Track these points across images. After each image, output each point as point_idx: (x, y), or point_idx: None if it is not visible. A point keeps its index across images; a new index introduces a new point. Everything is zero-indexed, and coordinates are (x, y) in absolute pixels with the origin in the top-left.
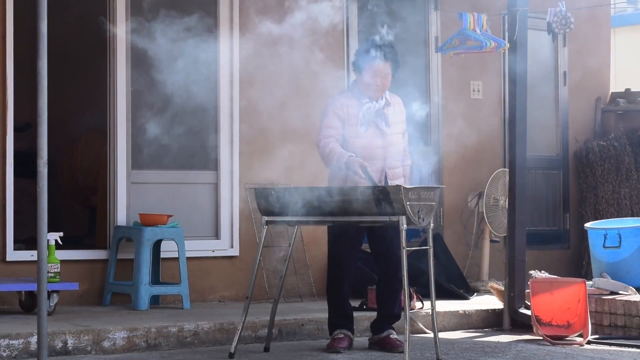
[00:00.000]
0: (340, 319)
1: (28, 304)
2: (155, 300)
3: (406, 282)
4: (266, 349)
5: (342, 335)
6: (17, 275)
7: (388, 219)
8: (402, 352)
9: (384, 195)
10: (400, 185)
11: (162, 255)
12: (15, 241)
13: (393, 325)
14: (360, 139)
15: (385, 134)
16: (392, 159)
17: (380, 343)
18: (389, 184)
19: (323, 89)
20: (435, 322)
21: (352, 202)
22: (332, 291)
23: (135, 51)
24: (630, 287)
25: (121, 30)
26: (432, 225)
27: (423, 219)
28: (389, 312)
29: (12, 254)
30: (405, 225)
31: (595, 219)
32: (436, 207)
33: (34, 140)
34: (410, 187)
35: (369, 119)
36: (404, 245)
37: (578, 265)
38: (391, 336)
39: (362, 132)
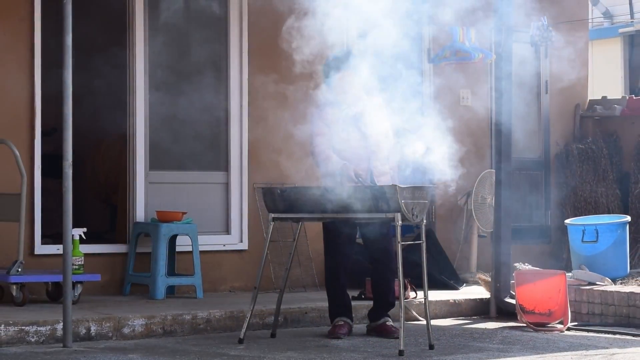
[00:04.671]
0: (339, 307)
1: (54, 294)
2: (171, 291)
3: (401, 274)
4: (273, 335)
5: (342, 323)
6: (45, 267)
7: (384, 216)
8: (398, 337)
9: (381, 194)
10: (396, 185)
11: (177, 249)
12: (43, 236)
13: (389, 313)
14: (344, 143)
15: (366, 136)
16: (375, 158)
17: (377, 330)
18: (376, 182)
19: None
20: (428, 310)
21: (351, 200)
22: (329, 282)
23: (152, 60)
24: (607, 278)
25: (140, 40)
26: (424, 221)
27: (417, 216)
28: (384, 301)
29: (40, 248)
30: (400, 222)
31: (575, 215)
32: (428, 204)
33: (60, 144)
34: (405, 186)
35: (349, 124)
36: (399, 240)
37: (559, 258)
38: (387, 323)
39: (345, 136)
